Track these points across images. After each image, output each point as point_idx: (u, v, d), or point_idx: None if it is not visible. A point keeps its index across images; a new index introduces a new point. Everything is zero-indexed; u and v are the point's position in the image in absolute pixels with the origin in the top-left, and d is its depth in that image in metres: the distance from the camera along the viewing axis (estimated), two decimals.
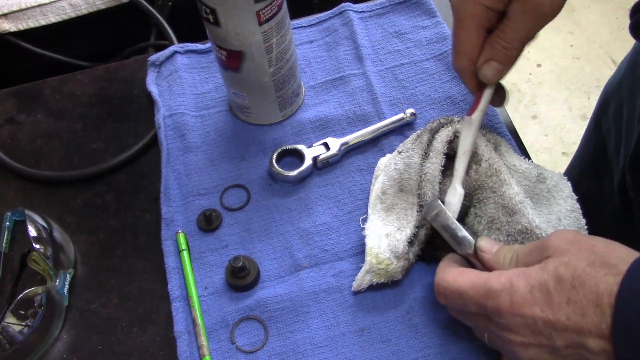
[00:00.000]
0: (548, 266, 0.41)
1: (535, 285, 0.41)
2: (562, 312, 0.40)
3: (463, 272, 0.47)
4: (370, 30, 0.75)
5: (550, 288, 0.41)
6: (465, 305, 0.46)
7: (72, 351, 0.56)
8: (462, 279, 0.46)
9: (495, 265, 0.48)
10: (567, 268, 0.40)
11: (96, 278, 0.60)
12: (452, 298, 0.47)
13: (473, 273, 0.46)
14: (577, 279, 0.40)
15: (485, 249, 0.49)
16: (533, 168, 0.56)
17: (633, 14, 0.59)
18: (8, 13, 0.81)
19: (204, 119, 0.69)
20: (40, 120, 0.72)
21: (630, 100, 0.70)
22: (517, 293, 0.42)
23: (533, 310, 0.41)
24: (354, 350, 0.53)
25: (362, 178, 0.63)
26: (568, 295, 0.40)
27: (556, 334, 0.40)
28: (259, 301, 0.56)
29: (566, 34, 2.26)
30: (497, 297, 0.42)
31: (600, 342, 0.39)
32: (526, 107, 2.07)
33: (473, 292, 0.44)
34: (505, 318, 0.42)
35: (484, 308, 0.44)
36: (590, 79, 2.12)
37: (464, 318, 0.49)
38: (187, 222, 0.61)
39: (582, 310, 0.39)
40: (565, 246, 0.42)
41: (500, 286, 0.43)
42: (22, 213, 0.60)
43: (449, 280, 0.47)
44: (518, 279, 0.42)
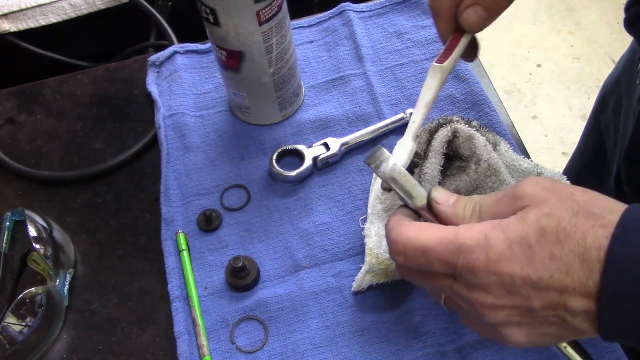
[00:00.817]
0: (528, 217, 0.37)
1: (515, 239, 0.37)
2: (545, 269, 0.36)
3: (425, 226, 0.41)
4: (370, 30, 0.75)
5: (531, 242, 0.36)
6: (429, 265, 0.40)
7: (72, 351, 0.56)
8: (425, 234, 0.40)
9: (453, 219, 0.42)
10: (550, 219, 0.36)
11: (96, 278, 0.60)
12: (413, 257, 0.40)
13: (437, 227, 0.40)
14: (562, 232, 0.36)
15: (441, 200, 0.43)
16: (532, 167, 0.56)
17: (628, 8, 0.59)
18: (8, 13, 0.81)
19: (204, 119, 0.69)
20: (40, 120, 0.72)
21: (627, 96, 0.70)
22: (494, 248, 0.37)
23: (512, 267, 0.36)
24: (354, 350, 0.53)
25: (362, 178, 0.63)
26: (552, 249, 0.36)
27: (535, 293, 0.37)
28: (259, 301, 0.56)
29: (566, 34, 2.26)
30: (470, 254, 0.37)
31: (583, 301, 0.36)
32: (526, 107, 2.07)
33: (440, 249, 0.39)
34: (477, 277, 0.37)
35: (452, 266, 0.39)
36: (590, 79, 2.12)
37: (420, 279, 0.43)
38: (187, 222, 0.61)
39: (567, 266, 0.36)
40: (544, 194, 0.38)
41: (473, 241, 0.38)
42: (22, 213, 0.60)
43: (409, 236, 0.40)
44: (494, 232, 0.37)
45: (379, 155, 0.45)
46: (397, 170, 0.44)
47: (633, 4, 0.58)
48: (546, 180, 0.39)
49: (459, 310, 0.43)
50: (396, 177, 0.44)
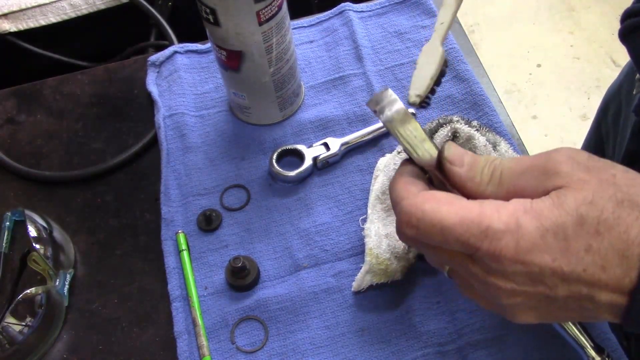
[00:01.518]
0: (566, 203, 0.33)
1: (550, 227, 0.33)
2: (579, 262, 0.33)
3: (443, 199, 0.36)
4: (370, 30, 0.75)
5: (568, 233, 0.33)
6: (445, 243, 0.36)
7: (72, 351, 0.56)
8: (445, 210, 0.35)
9: (468, 183, 0.37)
10: (591, 208, 0.33)
11: (96, 278, 0.60)
12: (427, 233, 0.36)
13: (459, 202, 0.36)
14: (604, 223, 0.33)
15: (455, 159, 0.38)
16: None
17: (624, 20, 0.59)
18: (8, 13, 0.81)
19: (204, 119, 0.69)
20: (40, 120, 0.72)
21: (627, 104, 0.70)
22: (526, 237, 0.33)
23: (543, 258, 0.33)
24: (354, 350, 0.53)
25: (362, 178, 0.63)
26: (589, 242, 0.33)
27: (563, 285, 0.34)
28: (259, 301, 0.56)
29: (566, 34, 2.26)
30: (498, 240, 0.34)
31: (614, 296, 0.34)
32: (526, 107, 2.07)
33: (462, 230, 0.35)
34: (502, 264, 0.34)
35: (473, 249, 0.35)
36: (590, 79, 2.12)
37: (428, 251, 0.39)
38: (187, 222, 0.61)
39: (604, 261, 0.33)
40: (582, 175, 0.34)
41: (502, 225, 0.34)
42: (22, 213, 0.60)
43: (425, 209, 0.36)
44: (526, 217, 0.34)
45: (383, 96, 0.38)
46: (406, 116, 0.37)
47: (629, 16, 0.58)
48: (583, 154, 0.35)
49: (465, 285, 0.40)
50: (402, 125, 0.37)
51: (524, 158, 0.37)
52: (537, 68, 2.18)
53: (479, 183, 0.37)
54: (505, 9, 2.32)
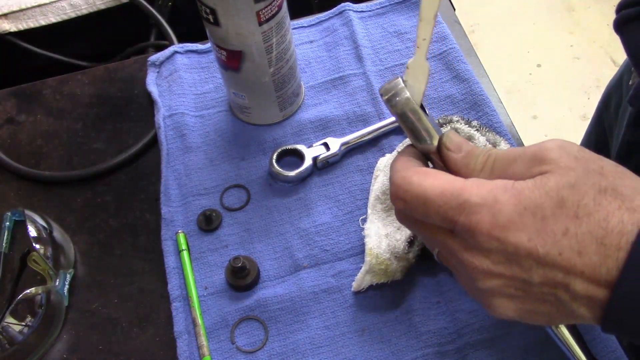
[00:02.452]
0: (548, 184, 0.34)
1: (528, 206, 0.33)
2: (555, 244, 0.33)
3: (431, 173, 0.38)
4: (370, 30, 0.75)
5: (546, 213, 0.33)
6: (427, 216, 0.37)
7: (72, 351, 0.56)
8: (429, 182, 0.37)
9: (463, 169, 0.39)
10: (572, 192, 0.33)
11: (96, 278, 0.60)
12: (412, 204, 0.37)
13: (444, 177, 0.37)
14: (584, 208, 0.33)
15: (453, 146, 0.39)
16: None
17: (619, 10, 0.59)
18: (8, 13, 0.81)
19: (204, 119, 0.69)
20: (40, 120, 0.72)
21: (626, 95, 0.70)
22: (503, 213, 0.34)
23: (518, 236, 0.33)
24: (354, 350, 0.53)
25: (362, 178, 0.63)
26: (567, 225, 0.33)
27: (538, 268, 0.34)
28: (259, 301, 0.56)
29: (566, 34, 2.26)
30: (474, 214, 0.34)
31: (589, 286, 0.33)
32: (526, 107, 2.07)
33: (442, 202, 0.36)
34: (477, 239, 0.35)
35: (451, 222, 0.36)
36: (590, 79, 2.12)
37: (417, 228, 0.40)
38: (187, 222, 0.61)
39: (580, 246, 0.33)
40: (570, 162, 0.34)
41: (479, 199, 0.34)
42: (22, 213, 0.60)
43: (412, 181, 0.37)
44: (505, 194, 0.34)
45: (393, 85, 0.40)
46: (410, 105, 0.40)
47: (624, 7, 0.58)
48: (574, 146, 0.35)
49: (452, 268, 0.40)
50: (409, 112, 0.40)
51: (518, 148, 0.37)
52: (537, 68, 2.18)
53: (472, 169, 0.38)
54: (505, 9, 2.32)
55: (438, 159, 0.41)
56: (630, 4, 0.57)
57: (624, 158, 0.66)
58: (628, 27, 0.57)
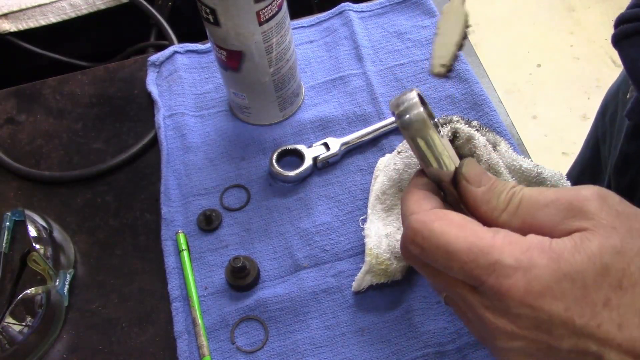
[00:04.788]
0: (590, 248, 0.30)
1: (568, 273, 0.30)
2: (595, 316, 0.30)
3: (455, 221, 0.33)
4: (370, 30, 0.75)
5: (588, 281, 0.30)
6: (448, 268, 0.33)
7: (72, 351, 0.56)
8: (454, 233, 0.32)
9: (483, 206, 0.34)
10: (617, 259, 0.30)
11: (96, 278, 0.60)
12: (432, 254, 0.33)
13: (471, 227, 0.33)
14: (629, 278, 0.30)
15: (473, 178, 0.35)
16: (533, 167, 0.56)
17: (617, 25, 0.59)
18: (8, 13, 0.81)
19: (204, 119, 0.69)
20: (40, 120, 0.72)
21: (623, 107, 0.70)
22: (540, 279, 0.30)
23: (555, 305, 0.30)
24: (354, 350, 0.53)
25: (362, 178, 0.63)
26: (609, 295, 0.30)
27: (571, 338, 0.31)
28: (259, 301, 0.56)
29: (566, 34, 2.26)
30: (506, 277, 0.31)
31: (624, 358, 0.31)
32: (526, 107, 2.07)
33: (468, 259, 0.32)
34: (506, 304, 0.31)
35: (477, 281, 0.32)
36: (590, 79, 2.12)
37: (428, 274, 0.36)
38: (187, 222, 0.61)
39: (622, 319, 0.30)
40: (612, 220, 0.31)
41: (513, 262, 0.30)
42: (22, 213, 0.60)
43: (433, 229, 0.33)
44: (542, 257, 0.30)
45: (405, 99, 0.34)
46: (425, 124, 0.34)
47: (622, 22, 0.58)
48: (614, 197, 0.32)
49: (461, 315, 0.37)
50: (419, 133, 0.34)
51: (548, 190, 0.33)
52: (537, 68, 2.18)
53: (493, 208, 0.34)
54: (505, 9, 2.32)
55: (452, 189, 0.36)
56: (627, 19, 0.57)
57: (621, 170, 0.66)
58: (626, 43, 0.57)
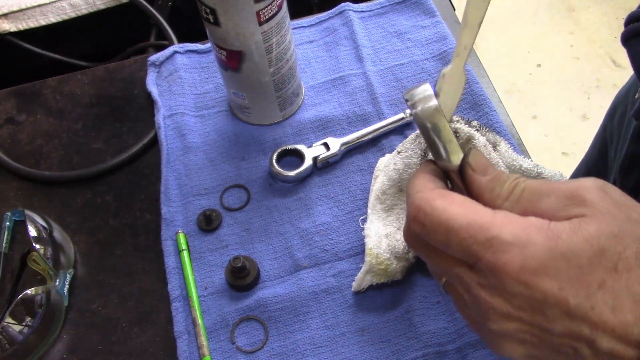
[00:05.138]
0: (588, 230, 0.30)
1: (565, 252, 0.30)
2: (589, 297, 0.30)
3: (457, 199, 0.34)
4: (370, 30, 0.75)
5: (583, 262, 0.30)
6: (447, 246, 0.34)
7: (72, 351, 0.56)
8: (455, 210, 0.33)
9: (487, 194, 0.35)
10: (615, 242, 0.30)
11: (96, 278, 0.60)
12: (432, 231, 0.34)
13: (472, 206, 0.33)
14: (624, 262, 0.30)
15: (479, 167, 0.36)
16: (533, 167, 0.56)
17: (628, 23, 0.59)
18: (8, 13, 0.81)
19: (204, 119, 0.69)
20: (40, 120, 0.72)
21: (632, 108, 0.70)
22: (536, 256, 0.30)
23: (549, 284, 0.30)
24: (354, 350, 0.53)
25: (362, 178, 0.63)
26: (604, 277, 0.30)
27: (564, 320, 0.31)
28: (259, 301, 0.56)
29: (566, 34, 2.26)
30: (503, 252, 0.31)
31: (618, 345, 0.31)
32: (526, 107, 2.07)
33: (467, 234, 0.32)
34: (502, 280, 0.31)
35: (474, 257, 0.32)
36: (590, 79, 2.12)
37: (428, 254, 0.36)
38: (187, 222, 0.61)
39: (615, 302, 0.30)
40: (611, 207, 0.31)
41: (511, 237, 0.31)
42: (22, 213, 0.60)
43: (435, 206, 0.34)
44: (540, 235, 0.31)
45: (421, 91, 0.36)
46: (437, 114, 0.36)
47: (632, 20, 0.58)
48: (615, 189, 0.32)
49: (459, 300, 0.37)
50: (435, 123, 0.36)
51: (551, 182, 0.34)
52: (537, 68, 2.18)
53: (497, 195, 0.35)
54: (505, 9, 2.32)
55: (459, 180, 0.37)
56: (638, 17, 0.57)
57: (627, 170, 0.66)
58: (635, 41, 0.57)
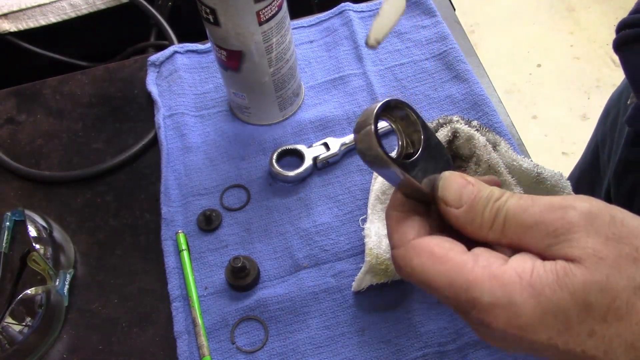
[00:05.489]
0: (573, 284, 0.29)
1: (550, 310, 0.30)
2: (579, 344, 0.30)
3: (436, 252, 0.33)
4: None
5: (570, 316, 0.29)
6: (436, 297, 0.34)
7: (72, 351, 0.56)
8: (434, 271, 0.33)
9: (468, 227, 0.34)
10: (602, 295, 0.29)
11: (96, 278, 0.60)
12: (420, 286, 0.34)
13: (450, 259, 0.33)
14: (614, 313, 0.29)
15: (452, 200, 0.34)
16: (532, 167, 0.56)
17: (619, 30, 0.59)
18: (8, 13, 0.81)
19: (204, 119, 0.69)
20: (40, 120, 0.72)
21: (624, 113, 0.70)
22: (520, 316, 0.30)
23: (537, 336, 0.30)
24: (354, 350, 0.53)
25: (362, 178, 0.63)
26: (593, 327, 0.29)
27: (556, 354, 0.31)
28: (259, 301, 0.56)
29: (566, 34, 2.26)
30: (486, 313, 0.31)
31: None
32: (526, 107, 2.07)
33: (450, 294, 0.32)
34: (491, 331, 0.32)
35: (462, 312, 0.33)
36: (590, 79, 2.12)
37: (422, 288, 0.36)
38: (187, 222, 0.61)
39: (607, 347, 0.29)
40: (600, 247, 0.30)
41: (492, 299, 0.31)
42: (22, 213, 0.60)
43: (413, 266, 0.33)
44: (522, 294, 0.30)
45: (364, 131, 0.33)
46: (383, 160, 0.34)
47: (624, 27, 0.58)
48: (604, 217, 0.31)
49: None
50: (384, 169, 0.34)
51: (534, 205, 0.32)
52: (537, 68, 2.18)
53: (479, 227, 0.33)
54: (505, 9, 2.32)
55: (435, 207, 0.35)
56: (629, 24, 0.57)
57: (621, 176, 0.66)
58: (626, 49, 0.57)
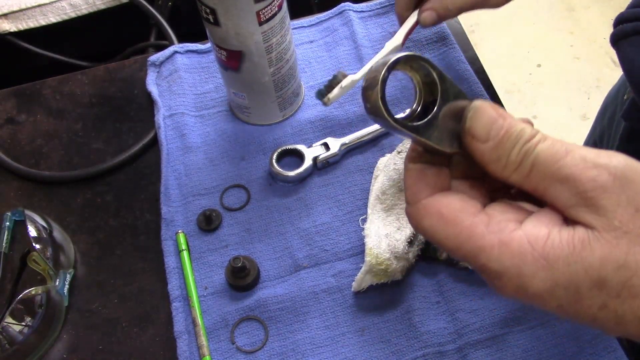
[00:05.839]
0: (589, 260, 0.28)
1: (561, 284, 0.29)
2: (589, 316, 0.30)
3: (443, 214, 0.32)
4: (370, 30, 0.75)
5: (582, 290, 0.29)
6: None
7: (72, 351, 0.56)
8: (443, 233, 0.32)
9: (492, 165, 0.31)
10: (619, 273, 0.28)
11: (96, 278, 0.60)
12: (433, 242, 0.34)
13: (460, 222, 0.31)
14: (628, 290, 0.28)
15: (479, 134, 0.31)
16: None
17: (616, 24, 0.59)
18: (8, 13, 0.81)
19: (204, 119, 0.69)
20: (40, 120, 0.72)
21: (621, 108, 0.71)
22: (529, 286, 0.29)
23: (547, 304, 0.30)
24: (354, 350, 0.53)
25: (362, 178, 0.63)
26: (605, 301, 0.29)
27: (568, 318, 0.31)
28: (259, 301, 0.56)
29: (566, 34, 2.26)
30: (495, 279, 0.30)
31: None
32: (526, 107, 2.07)
33: (461, 255, 0.32)
34: (503, 294, 0.31)
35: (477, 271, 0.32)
36: (590, 79, 2.12)
37: None
38: (187, 222, 0.61)
39: (618, 319, 0.29)
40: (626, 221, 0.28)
41: (500, 268, 0.30)
42: (22, 213, 0.60)
43: (425, 227, 0.32)
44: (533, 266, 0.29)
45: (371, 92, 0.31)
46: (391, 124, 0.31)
47: (622, 21, 0.58)
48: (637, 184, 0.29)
49: None
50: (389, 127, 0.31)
51: (567, 157, 0.30)
52: (537, 68, 2.18)
53: (503, 166, 0.31)
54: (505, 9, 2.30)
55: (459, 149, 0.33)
56: (626, 19, 0.57)
57: None
58: (623, 43, 0.57)
